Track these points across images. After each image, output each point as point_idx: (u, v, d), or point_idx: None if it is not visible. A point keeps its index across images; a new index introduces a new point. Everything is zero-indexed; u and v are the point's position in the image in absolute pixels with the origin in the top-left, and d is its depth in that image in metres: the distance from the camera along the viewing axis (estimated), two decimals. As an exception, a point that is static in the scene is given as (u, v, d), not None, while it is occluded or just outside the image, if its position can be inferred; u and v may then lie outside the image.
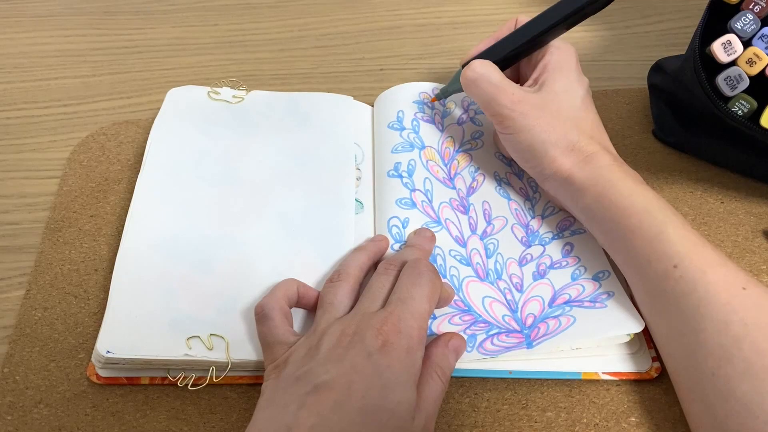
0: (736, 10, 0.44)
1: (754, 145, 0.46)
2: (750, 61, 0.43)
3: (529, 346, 0.39)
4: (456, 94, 0.50)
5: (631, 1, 0.67)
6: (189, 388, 0.38)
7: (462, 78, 0.45)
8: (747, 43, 0.44)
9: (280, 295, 0.39)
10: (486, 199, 0.48)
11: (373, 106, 0.55)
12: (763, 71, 0.43)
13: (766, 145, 0.45)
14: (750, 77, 0.43)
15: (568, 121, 0.42)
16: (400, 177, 0.48)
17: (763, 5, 0.44)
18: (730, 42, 0.43)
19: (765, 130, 0.43)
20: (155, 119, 0.50)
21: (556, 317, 0.40)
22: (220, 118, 0.51)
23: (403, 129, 0.50)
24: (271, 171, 0.48)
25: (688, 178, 0.51)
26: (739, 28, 0.44)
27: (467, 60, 0.47)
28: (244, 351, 0.39)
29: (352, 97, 0.54)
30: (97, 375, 0.39)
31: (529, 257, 0.45)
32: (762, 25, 0.44)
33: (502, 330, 0.40)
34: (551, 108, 0.43)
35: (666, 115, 0.53)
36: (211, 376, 0.38)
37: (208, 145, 0.49)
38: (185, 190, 0.46)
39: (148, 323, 0.39)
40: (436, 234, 0.44)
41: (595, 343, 0.40)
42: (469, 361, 0.39)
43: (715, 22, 0.45)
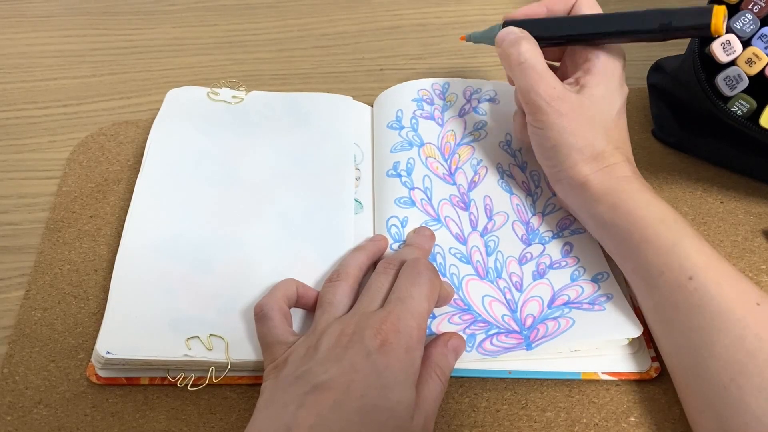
0: (735, 10, 0.44)
1: (754, 145, 0.46)
2: (749, 61, 0.43)
3: (528, 347, 0.39)
4: (450, 87, 0.50)
5: (630, 1, 0.67)
6: (189, 388, 0.39)
7: (505, 54, 0.43)
8: (746, 42, 0.44)
9: (279, 295, 0.39)
10: (488, 193, 0.48)
11: (372, 106, 0.55)
12: (762, 71, 0.43)
13: (765, 145, 0.45)
14: (749, 77, 0.43)
15: (600, 129, 0.42)
16: (399, 176, 0.48)
17: (763, 5, 0.44)
18: (729, 42, 0.43)
19: (764, 130, 0.43)
20: (155, 120, 0.50)
21: (555, 319, 0.40)
22: (220, 118, 0.52)
23: (402, 128, 0.50)
24: (270, 171, 0.48)
25: (687, 178, 0.51)
26: (739, 27, 0.44)
27: (511, 20, 0.45)
28: (243, 351, 0.39)
29: (351, 97, 0.54)
30: (96, 375, 0.39)
31: (529, 256, 0.45)
32: (761, 25, 0.44)
33: (502, 330, 0.40)
34: (587, 113, 0.42)
35: (666, 115, 0.53)
36: (211, 377, 0.38)
37: (208, 145, 0.49)
38: (185, 190, 0.46)
39: (148, 323, 0.39)
40: (435, 232, 0.44)
41: (593, 346, 0.40)
42: (468, 361, 0.39)
43: (715, 22, 0.45)
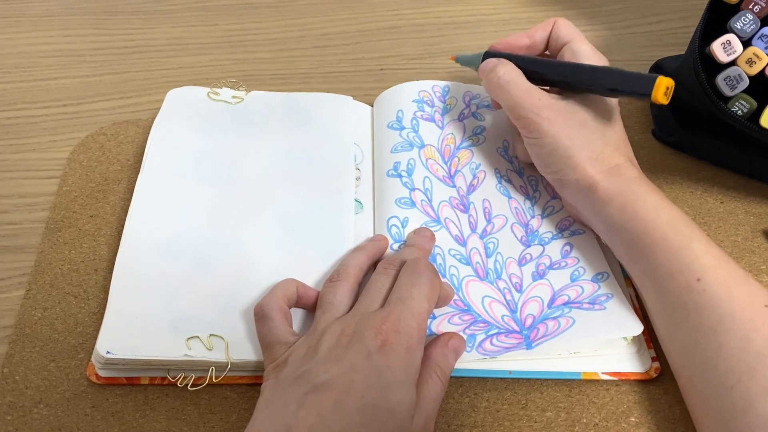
0: (735, 10, 0.44)
1: (754, 145, 0.46)
2: (750, 61, 0.43)
3: (529, 347, 0.39)
4: (456, 91, 0.50)
5: (630, 1, 0.67)
6: (189, 388, 0.39)
7: (486, 81, 0.45)
8: (747, 43, 0.44)
9: (279, 295, 0.39)
10: (486, 197, 0.48)
11: (373, 106, 0.55)
12: (762, 71, 0.43)
13: (765, 145, 0.45)
14: (750, 77, 0.43)
15: (595, 131, 0.42)
16: (400, 176, 0.48)
17: (763, 5, 0.44)
18: (729, 42, 0.43)
19: (765, 130, 0.43)
20: (155, 119, 0.50)
21: (555, 318, 0.40)
22: (220, 118, 0.51)
23: (402, 128, 0.50)
24: (270, 171, 0.48)
25: (688, 178, 0.51)
26: (739, 28, 0.44)
27: (492, 51, 0.46)
28: (243, 351, 0.39)
29: (351, 97, 0.54)
30: (96, 375, 0.39)
31: (528, 257, 0.45)
32: (762, 25, 0.44)
33: (502, 330, 0.40)
34: (578, 116, 0.42)
35: (666, 115, 0.53)
36: (211, 377, 0.38)
37: (208, 145, 0.49)
38: (185, 190, 0.46)
39: (148, 323, 0.39)
40: (435, 233, 0.44)
41: (593, 347, 0.40)
42: (468, 361, 0.39)
43: (715, 22, 0.45)
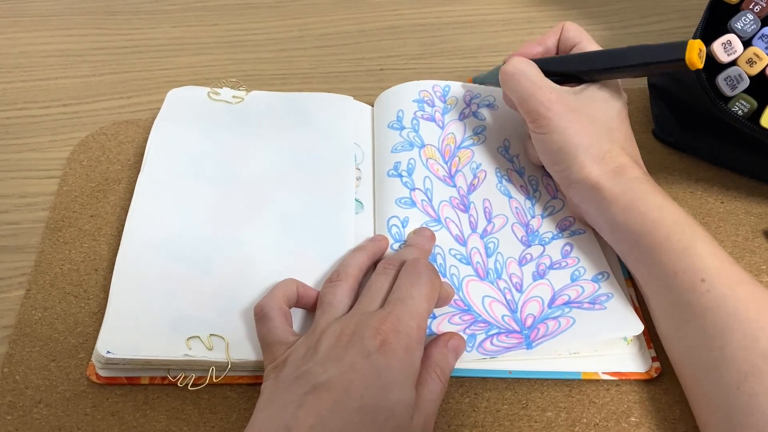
0: (736, 10, 0.44)
1: (754, 145, 0.46)
2: (750, 61, 0.43)
3: (529, 346, 0.39)
4: (452, 91, 0.50)
5: (630, 1, 0.67)
6: (189, 388, 0.39)
7: (501, 72, 0.45)
8: (747, 43, 0.44)
9: (279, 295, 0.39)
10: (487, 196, 0.48)
11: (373, 106, 0.55)
12: (763, 71, 0.43)
13: (766, 145, 0.45)
14: (750, 77, 0.43)
15: (602, 129, 0.42)
16: (400, 176, 0.48)
17: (763, 5, 0.44)
18: (730, 42, 0.43)
19: (765, 130, 0.43)
20: (155, 119, 0.50)
21: (555, 318, 0.40)
22: (220, 118, 0.51)
23: (402, 128, 0.50)
24: (271, 171, 0.48)
25: (688, 178, 0.51)
26: (739, 28, 0.44)
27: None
28: (243, 351, 0.39)
29: (352, 97, 0.54)
30: (97, 375, 0.39)
31: (528, 257, 0.45)
32: (762, 25, 0.44)
33: (502, 330, 0.40)
34: (587, 113, 0.42)
35: (666, 115, 0.53)
36: (211, 376, 0.38)
37: (208, 145, 0.49)
38: (185, 190, 0.46)
39: (148, 323, 0.39)
40: (436, 233, 0.44)
41: (593, 348, 0.40)
42: (468, 361, 0.39)
43: (716, 22, 0.45)
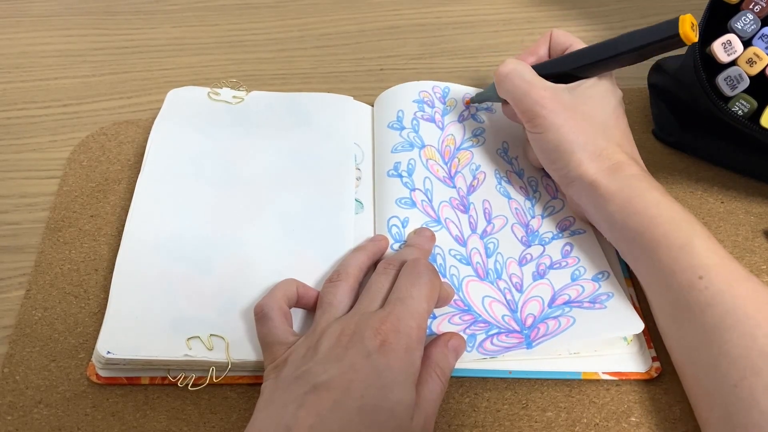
0: (736, 9, 0.44)
1: (754, 145, 0.46)
2: (750, 61, 0.43)
3: (529, 346, 0.39)
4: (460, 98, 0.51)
5: (630, 1, 0.67)
6: (189, 388, 0.39)
7: (495, 74, 0.45)
8: (747, 42, 0.44)
9: (279, 295, 0.39)
10: (486, 197, 0.48)
11: (373, 106, 0.55)
12: (763, 71, 0.43)
13: (766, 145, 0.45)
14: (750, 77, 0.43)
15: (598, 127, 0.42)
16: (400, 177, 0.48)
17: (763, 5, 0.44)
18: (730, 42, 0.43)
19: (765, 130, 0.43)
20: (155, 119, 0.50)
21: (555, 318, 0.40)
22: (220, 118, 0.52)
23: (402, 129, 0.50)
24: (271, 171, 0.48)
25: (688, 178, 0.51)
26: (739, 27, 0.44)
27: None
28: (243, 351, 0.39)
29: (352, 97, 0.54)
30: (97, 375, 0.39)
31: (528, 257, 0.45)
32: (762, 25, 0.44)
33: (502, 330, 0.40)
34: (582, 110, 0.43)
35: (666, 115, 0.53)
36: (211, 376, 0.38)
37: (208, 145, 0.49)
38: (185, 190, 0.46)
39: (149, 323, 0.39)
40: (436, 233, 0.44)
41: (593, 348, 0.40)
42: (468, 361, 0.39)
43: (715, 22, 0.45)
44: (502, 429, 0.38)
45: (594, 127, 0.42)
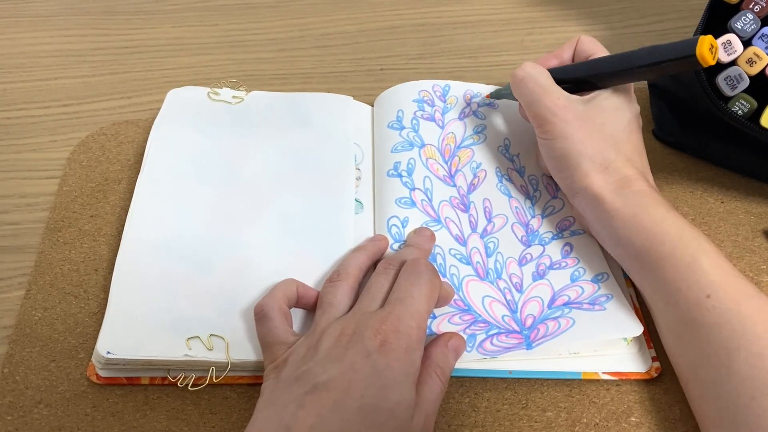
0: (736, 9, 0.44)
1: (754, 145, 0.46)
2: (750, 61, 0.43)
3: (529, 347, 0.39)
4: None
5: (630, 2, 0.67)
6: (189, 388, 0.39)
7: (512, 77, 0.45)
8: (747, 42, 0.44)
9: (279, 295, 0.39)
10: (487, 196, 0.48)
11: (373, 106, 0.55)
12: (763, 71, 0.43)
13: (766, 145, 0.45)
14: (750, 77, 0.43)
15: (609, 139, 0.42)
16: (400, 176, 0.48)
17: (763, 5, 0.44)
18: (730, 42, 0.43)
19: (765, 130, 0.43)
20: (155, 119, 0.50)
21: (555, 319, 0.40)
22: (220, 118, 0.51)
23: (402, 128, 0.50)
24: (271, 171, 0.48)
25: (688, 178, 0.51)
26: (739, 27, 0.44)
27: None
28: (243, 351, 0.39)
29: (352, 97, 0.54)
30: (97, 375, 0.39)
31: (528, 257, 0.45)
32: (762, 25, 0.44)
33: (502, 330, 0.40)
34: (595, 122, 0.42)
35: (666, 115, 0.53)
36: (211, 377, 0.38)
37: (208, 145, 0.49)
38: (185, 190, 0.46)
39: (149, 324, 0.39)
40: (435, 233, 0.44)
41: (593, 348, 0.40)
42: (468, 361, 0.39)
43: (716, 22, 0.45)
44: (502, 429, 0.38)
45: (604, 139, 0.42)
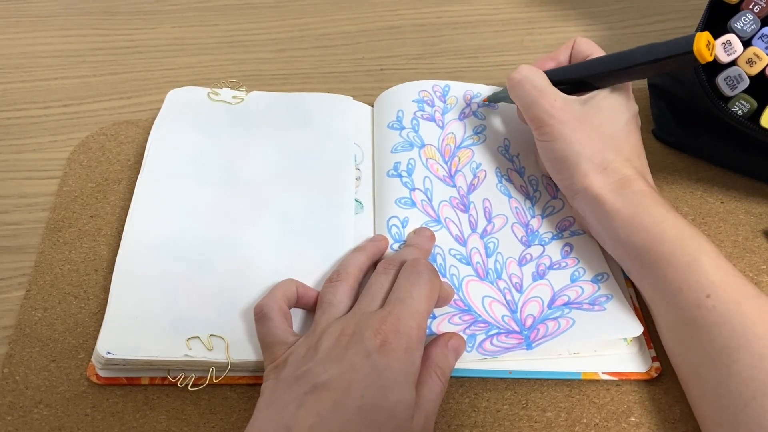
0: (736, 10, 0.44)
1: (754, 145, 0.46)
2: (750, 61, 0.43)
3: (529, 347, 0.39)
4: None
5: (630, 2, 0.67)
6: (189, 388, 0.39)
7: (508, 79, 0.45)
8: (747, 43, 0.44)
9: (279, 295, 0.39)
10: (487, 196, 0.48)
11: (373, 106, 0.55)
12: (763, 71, 0.43)
13: (766, 145, 0.45)
14: (750, 77, 0.43)
15: (607, 140, 0.42)
16: (400, 176, 0.48)
17: (763, 5, 0.44)
18: (730, 42, 0.43)
19: (765, 130, 0.43)
20: (155, 119, 0.50)
21: (555, 319, 0.40)
22: (220, 118, 0.51)
23: (402, 128, 0.50)
24: (271, 171, 0.48)
25: (688, 178, 0.51)
26: (739, 28, 0.44)
27: None
28: (243, 351, 0.39)
29: (352, 97, 0.54)
30: (97, 375, 0.39)
31: (528, 257, 0.45)
32: (762, 25, 0.44)
33: (502, 330, 0.40)
34: (592, 123, 0.42)
35: (666, 115, 0.53)
36: (211, 377, 0.38)
37: (208, 145, 0.49)
38: (185, 190, 0.46)
39: (148, 324, 0.39)
40: (435, 233, 0.44)
41: (592, 348, 0.40)
42: (468, 361, 0.39)
43: (715, 22, 0.45)
44: (502, 429, 0.38)
45: (603, 139, 0.42)
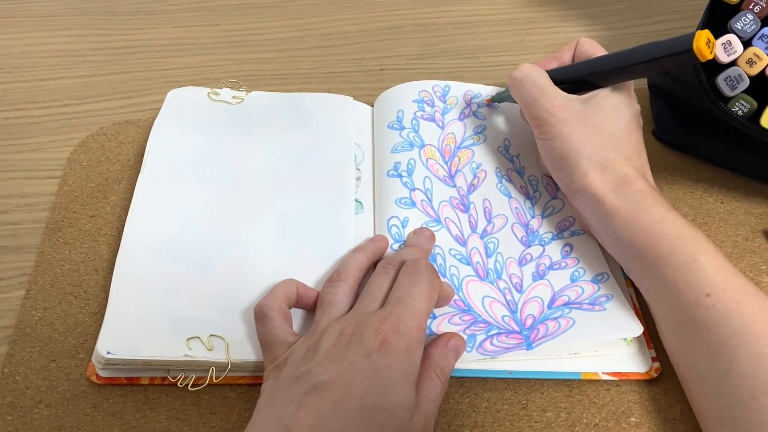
0: (736, 10, 0.44)
1: (754, 145, 0.46)
2: (750, 62, 0.43)
3: (529, 347, 0.39)
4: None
5: (630, 2, 0.67)
6: (189, 388, 0.39)
7: (510, 78, 0.45)
8: (747, 43, 0.44)
9: (279, 295, 0.39)
10: (487, 196, 0.48)
11: (373, 106, 0.55)
12: (763, 71, 0.43)
13: (766, 145, 0.45)
14: (750, 77, 0.43)
15: (608, 139, 0.42)
16: (400, 176, 0.48)
17: (763, 5, 0.44)
18: (730, 42, 0.43)
19: (765, 130, 0.43)
20: (155, 119, 0.50)
21: (555, 319, 0.40)
22: (220, 119, 0.51)
23: (402, 128, 0.50)
24: (271, 171, 0.48)
25: (688, 178, 0.51)
26: (739, 28, 0.44)
27: None
28: (243, 351, 0.39)
29: (352, 97, 0.54)
30: (97, 375, 0.39)
31: (528, 257, 0.45)
32: (762, 25, 0.44)
33: (502, 330, 0.40)
34: (593, 121, 0.42)
35: (666, 115, 0.53)
36: (211, 377, 0.38)
37: (208, 145, 0.49)
38: (185, 190, 0.46)
39: (149, 324, 0.39)
40: (435, 233, 0.44)
41: (593, 348, 0.40)
42: (468, 361, 0.39)
43: (716, 22, 0.45)
44: (502, 429, 0.38)
45: (603, 138, 0.42)
